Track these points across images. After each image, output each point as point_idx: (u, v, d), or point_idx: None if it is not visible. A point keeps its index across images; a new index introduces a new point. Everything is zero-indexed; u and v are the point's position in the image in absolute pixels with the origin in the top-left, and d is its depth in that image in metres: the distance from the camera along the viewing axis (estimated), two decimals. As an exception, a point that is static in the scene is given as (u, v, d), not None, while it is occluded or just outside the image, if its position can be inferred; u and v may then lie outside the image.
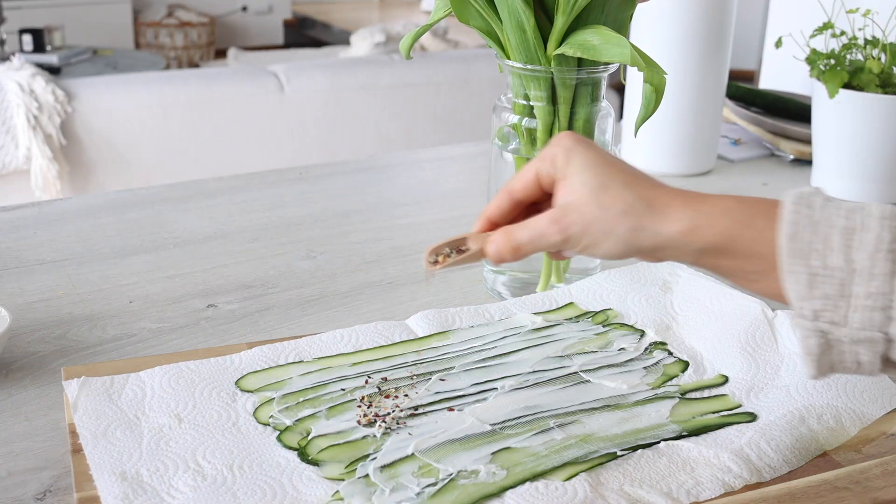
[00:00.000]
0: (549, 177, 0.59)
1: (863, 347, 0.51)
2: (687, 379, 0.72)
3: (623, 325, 0.80)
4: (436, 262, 0.62)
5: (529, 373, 0.72)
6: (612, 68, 0.82)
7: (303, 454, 0.61)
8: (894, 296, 0.49)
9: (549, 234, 0.58)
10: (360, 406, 0.67)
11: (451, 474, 0.59)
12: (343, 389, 0.69)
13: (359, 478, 0.59)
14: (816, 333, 0.51)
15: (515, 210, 0.62)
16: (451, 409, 0.67)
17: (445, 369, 0.72)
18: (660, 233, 0.55)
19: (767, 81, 1.76)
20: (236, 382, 0.69)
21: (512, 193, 0.62)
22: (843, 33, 1.16)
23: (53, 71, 3.66)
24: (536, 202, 0.62)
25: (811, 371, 0.53)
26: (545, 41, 0.78)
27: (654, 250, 0.56)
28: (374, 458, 0.61)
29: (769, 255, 0.53)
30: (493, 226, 0.62)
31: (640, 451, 0.63)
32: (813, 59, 1.16)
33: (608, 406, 0.68)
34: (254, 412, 0.66)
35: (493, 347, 0.75)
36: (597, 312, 0.82)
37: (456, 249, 0.62)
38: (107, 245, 0.99)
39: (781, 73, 1.68)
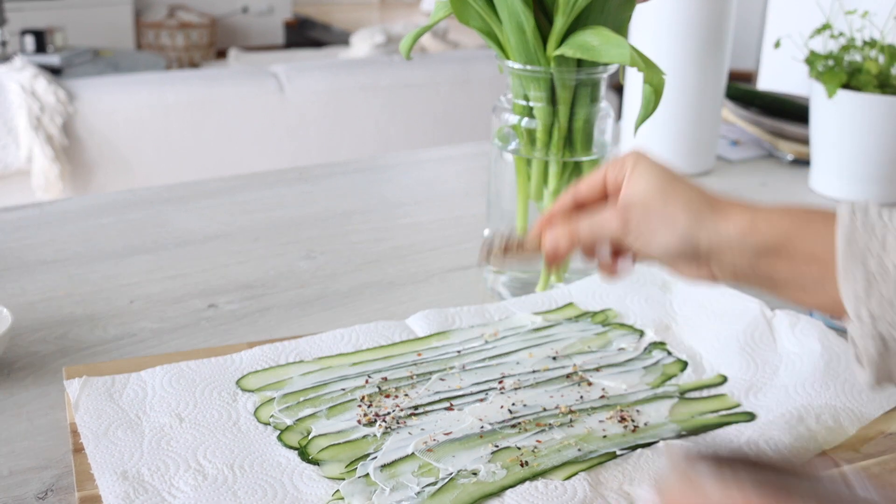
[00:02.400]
0: (616, 180, 0.60)
1: None
2: (686, 379, 0.73)
3: (622, 325, 0.80)
4: (490, 253, 0.62)
5: (529, 373, 0.72)
6: (612, 69, 0.82)
7: (303, 453, 0.61)
8: None
9: (610, 221, 0.58)
10: (360, 406, 0.67)
11: (450, 474, 0.60)
12: (343, 389, 0.69)
13: (359, 477, 0.59)
14: (875, 337, 0.50)
15: (576, 213, 0.62)
16: (450, 408, 0.67)
17: (445, 369, 0.72)
18: (719, 230, 0.55)
19: (766, 82, 1.76)
20: (237, 382, 0.69)
21: (577, 192, 0.62)
22: (841, 34, 1.17)
23: (55, 72, 3.66)
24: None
25: (869, 378, 0.52)
26: (545, 42, 0.78)
27: (710, 250, 0.56)
28: (375, 458, 0.61)
29: (826, 258, 0.53)
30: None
31: (639, 450, 0.63)
32: (811, 59, 1.16)
33: (607, 406, 0.68)
34: (254, 412, 0.66)
35: (493, 347, 0.76)
36: (596, 312, 0.82)
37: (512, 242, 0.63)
38: (108, 245, 0.99)
39: (780, 74, 1.68)
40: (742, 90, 1.46)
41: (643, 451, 0.63)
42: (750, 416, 0.67)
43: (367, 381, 0.70)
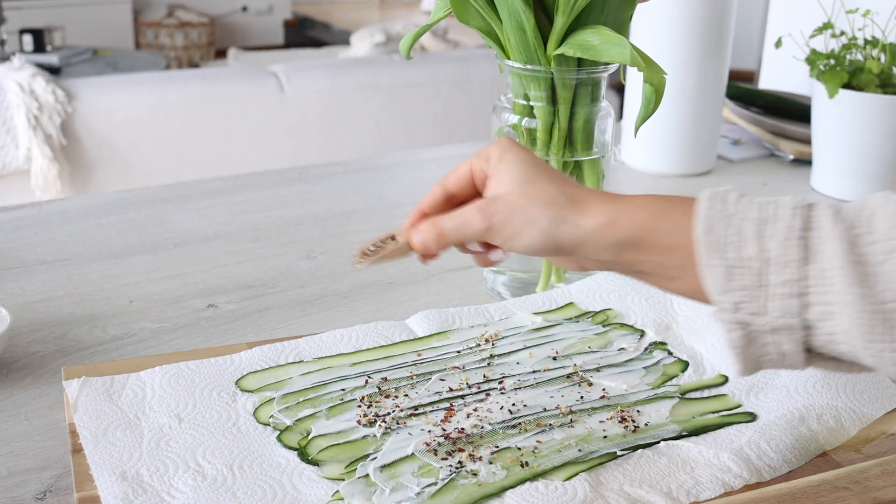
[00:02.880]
0: (482, 172, 0.61)
1: (783, 336, 0.51)
2: (687, 379, 0.72)
3: (623, 325, 0.80)
4: (364, 256, 0.62)
5: (529, 373, 0.72)
6: (612, 68, 0.82)
7: (303, 454, 0.61)
8: (808, 282, 0.50)
9: (473, 221, 0.58)
10: (360, 406, 0.67)
11: (451, 474, 0.59)
12: (343, 389, 0.69)
13: (359, 477, 0.59)
14: (738, 325, 0.51)
15: (448, 206, 0.63)
16: (451, 409, 0.67)
17: (445, 369, 0.72)
18: (579, 225, 0.56)
19: (767, 82, 1.76)
20: (236, 382, 0.69)
21: (445, 186, 0.63)
22: (842, 33, 1.16)
23: (54, 71, 3.66)
24: (468, 199, 0.63)
25: (738, 365, 0.53)
26: (545, 41, 0.78)
27: (573, 245, 0.57)
28: (374, 458, 0.61)
29: (686, 248, 0.54)
30: (425, 218, 0.63)
31: (639, 450, 0.63)
32: (813, 59, 1.16)
33: (607, 406, 0.68)
34: (254, 412, 0.66)
35: (493, 347, 0.75)
36: (597, 312, 0.82)
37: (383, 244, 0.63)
38: (107, 245, 0.99)
39: (781, 74, 1.68)
40: (743, 89, 1.46)
41: (644, 452, 0.63)
42: (751, 417, 0.67)
43: (366, 382, 0.70)
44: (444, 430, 0.64)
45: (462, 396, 0.68)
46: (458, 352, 0.75)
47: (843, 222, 0.50)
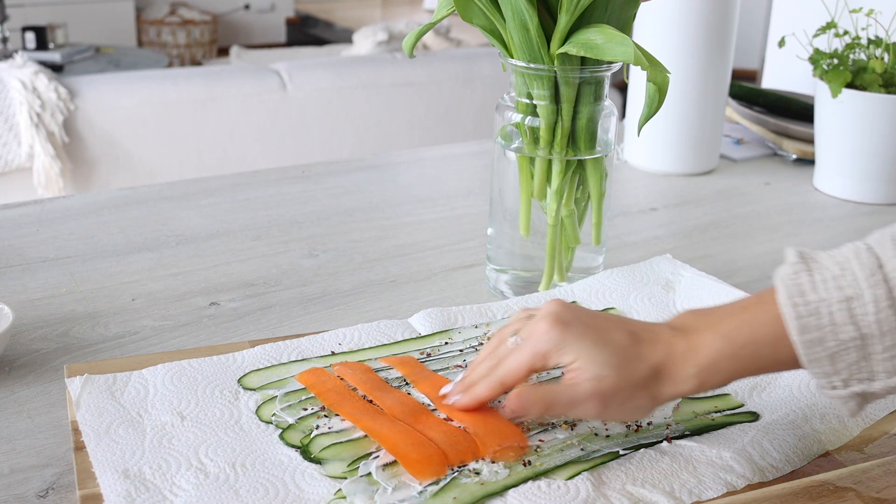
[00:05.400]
0: (545, 367, 0.61)
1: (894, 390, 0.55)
2: (689, 378, 0.72)
3: (625, 324, 0.80)
4: None
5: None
6: (616, 67, 0.82)
7: (305, 452, 0.61)
8: None
9: (589, 406, 0.59)
10: (362, 404, 0.67)
11: (453, 473, 0.59)
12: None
13: (361, 476, 0.59)
14: (853, 397, 0.55)
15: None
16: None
17: (448, 368, 0.72)
18: (676, 393, 0.59)
19: (770, 81, 1.76)
20: (239, 380, 0.69)
21: (505, 386, 0.62)
22: (846, 33, 1.16)
23: (56, 69, 3.67)
24: None
25: (852, 417, 0.58)
26: (548, 40, 0.78)
27: (663, 401, 0.60)
28: (377, 457, 0.61)
29: (775, 366, 0.58)
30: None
31: (642, 450, 0.63)
32: (816, 58, 1.16)
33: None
34: (256, 410, 0.66)
35: (495, 346, 0.75)
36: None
37: None
38: (109, 243, 0.99)
39: (784, 73, 1.68)
40: (746, 89, 1.46)
41: (646, 451, 0.63)
42: (754, 416, 0.67)
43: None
44: (446, 428, 0.64)
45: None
46: (461, 350, 0.74)
47: None
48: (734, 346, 0.57)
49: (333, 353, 0.74)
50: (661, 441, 0.64)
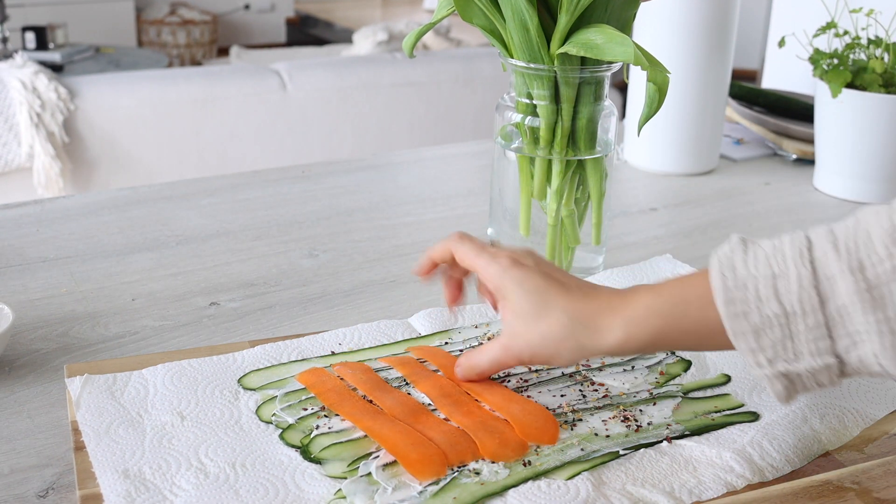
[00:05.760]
0: (486, 282, 0.66)
1: (822, 374, 0.55)
2: (689, 378, 0.72)
3: (625, 324, 0.80)
4: None
5: (532, 372, 0.72)
6: (616, 67, 0.82)
7: (305, 452, 0.61)
8: (830, 322, 0.54)
9: (504, 359, 0.65)
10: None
11: (453, 473, 0.59)
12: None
13: (361, 476, 0.59)
14: (778, 377, 0.56)
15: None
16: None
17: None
18: (599, 346, 0.61)
19: (770, 81, 1.76)
20: (239, 380, 0.69)
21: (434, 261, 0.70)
22: (846, 33, 1.16)
23: (56, 69, 3.67)
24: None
25: (783, 402, 0.58)
26: (548, 40, 0.78)
27: (602, 355, 0.62)
28: (377, 457, 0.61)
29: (701, 330, 0.58)
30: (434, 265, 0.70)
31: (642, 450, 0.63)
32: (816, 58, 1.16)
33: (610, 405, 0.68)
34: (256, 410, 0.66)
35: (495, 346, 0.75)
36: (599, 311, 0.82)
37: None
38: (109, 243, 0.99)
39: (784, 73, 1.68)
40: (746, 89, 1.46)
41: (646, 451, 0.63)
42: (754, 416, 0.67)
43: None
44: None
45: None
46: (461, 350, 0.74)
47: (845, 252, 0.54)
48: (664, 302, 0.59)
49: (333, 353, 0.74)
50: (661, 441, 0.64)
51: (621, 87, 3.46)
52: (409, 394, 0.67)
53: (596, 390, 0.70)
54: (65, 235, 1.01)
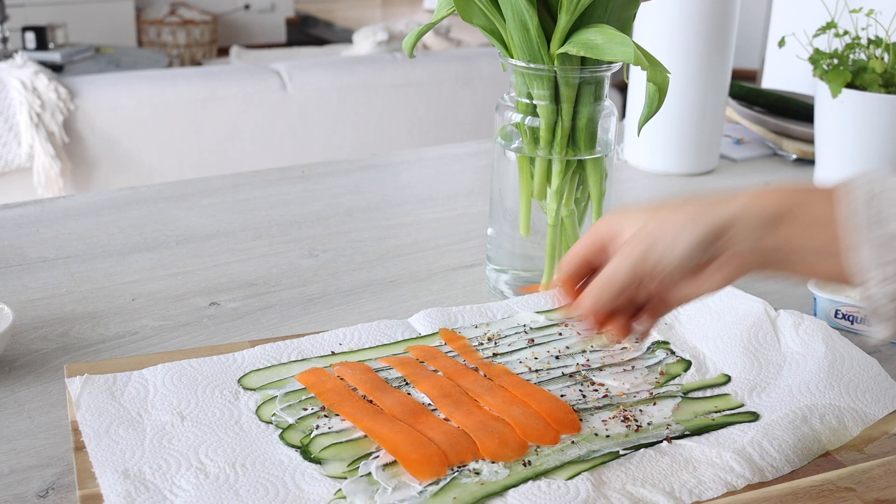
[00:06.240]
0: (602, 256, 0.61)
1: None
2: (689, 378, 0.72)
3: (625, 324, 0.80)
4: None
5: (532, 372, 0.72)
6: (616, 67, 0.82)
7: (305, 452, 0.61)
8: None
9: (623, 258, 0.58)
10: (362, 404, 0.67)
11: (453, 473, 0.59)
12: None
13: (361, 476, 0.59)
14: (893, 297, 0.52)
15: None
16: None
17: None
18: (727, 208, 0.56)
19: (770, 81, 1.76)
20: (239, 380, 0.69)
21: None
22: (846, 33, 1.16)
23: (56, 69, 3.66)
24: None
25: (889, 333, 0.54)
26: (548, 40, 0.78)
27: (725, 228, 0.56)
28: (377, 457, 0.61)
29: (834, 222, 0.54)
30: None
31: (642, 450, 0.63)
32: (816, 58, 1.16)
33: (610, 405, 0.68)
34: (256, 410, 0.66)
35: (495, 346, 0.75)
36: (599, 311, 0.82)
37: None
38: (109, 243, 0.99)
39: (784, 73, 1.68)
40: (746, 89, 1.46)
41: (646, 451, 0.63)
42: (753, 416, 0.67)
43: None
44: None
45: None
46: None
47: None
48: (794, 186, 0.56)
49: (333, 353, 0.74)
50: (661, 441, 0.64)
51: (621, 87, 3.46)
52: (409, 394, 0.67)
53: (596, 390, 0.70)
54: (65, 235, 1.01)
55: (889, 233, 0.51)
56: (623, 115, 1.44)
